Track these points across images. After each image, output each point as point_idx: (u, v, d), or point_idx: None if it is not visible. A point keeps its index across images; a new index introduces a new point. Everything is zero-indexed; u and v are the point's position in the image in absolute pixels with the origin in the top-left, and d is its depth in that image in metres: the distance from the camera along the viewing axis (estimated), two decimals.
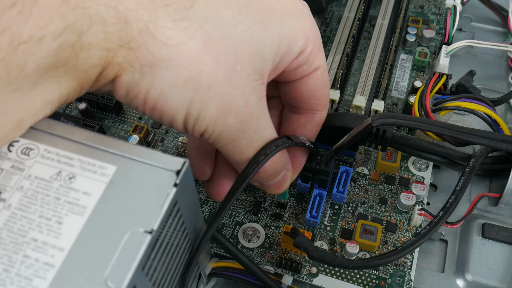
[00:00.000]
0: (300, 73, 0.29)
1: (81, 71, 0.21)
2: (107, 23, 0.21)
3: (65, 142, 0.22)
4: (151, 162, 0.22)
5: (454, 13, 0.46)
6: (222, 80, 0.24)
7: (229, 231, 0.36)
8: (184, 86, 0.23)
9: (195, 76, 0.23)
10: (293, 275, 0.33)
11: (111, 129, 0.42)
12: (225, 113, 0.24)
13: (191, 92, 0.23)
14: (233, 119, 0.25)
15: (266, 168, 0.29)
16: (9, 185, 0.21)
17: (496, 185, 0.39)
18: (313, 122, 0.32)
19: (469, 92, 0.39)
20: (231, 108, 0.25)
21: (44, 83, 0.20)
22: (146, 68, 0.22)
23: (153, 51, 0.22)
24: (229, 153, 0.27)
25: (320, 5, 0.44)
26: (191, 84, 0.23)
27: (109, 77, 0.22)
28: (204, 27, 0.23)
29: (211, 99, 0.24)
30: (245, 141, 0.26)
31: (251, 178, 0.27)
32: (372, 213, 0.37)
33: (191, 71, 0.23)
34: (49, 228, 0.20)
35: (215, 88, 0.24)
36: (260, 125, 0.27)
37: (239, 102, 0.25)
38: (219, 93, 0.24)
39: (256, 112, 0.26)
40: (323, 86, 0.30)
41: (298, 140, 0.30)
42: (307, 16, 0.28)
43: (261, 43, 0.25)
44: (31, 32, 0.19)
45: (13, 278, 0.19)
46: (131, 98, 0.23)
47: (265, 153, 0.27)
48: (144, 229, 0.20)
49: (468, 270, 0.35)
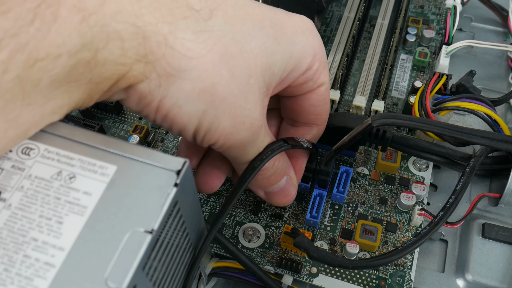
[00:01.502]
0: (304, 89, 0.29)
1: (94, 84, 0.21)
2: (124, 39, 0.21)
3: (66, 142, 0.22)
4: (151, 162, 0.22)
5: (454, 13, 0.46)
6: (236, 93, 0.24)
7: (229, 231, 0.36)
8: (199, 97, 0.23)
9: (211, 88, 0.23)
10: (293, 275, 0.33)
11: (111, 129, 0.42)
12: (238, 126, 0.25)
13: (205, 104, 0.23)
14: (246, 132, 0.26)
15: (266, 168, 0.29)
16: (9, 185, 0.21)
17: (496, 185, 0.39)
18: (310, 135, 0.33)
19: (469, 92, 0.39)
20: (245, 122, 0.25)
21: (56, 98, 0.21)
22: (163, 78, 0.22)
23: (172, 63, 0.22)
24: (236, 159, 0.28)
25: (320, 5, 0.44)
26: (207, 96, 0.23)
27: (121, 87, 0.22)
28: (222, 40, 0.23)
29: (225, 112, 0.24)
30: (253, 150, 0.27)
31: (248, 183, 0.27)
32: (372, 213, 0.37)
33: (207, 83, 0.23)
34: (50, 228, 0.20)
35: (229, 101, 0.24)
36: (265, 133, 0.28)
37: (253, 116, 0.25)
38: (233, 106, 0.24)
39: (264, 123, 0.27)
40: (324, 102, 0.31)
41: (295, 143, 0.30)
42: (316, 34, 0.29)
43: (273, 58, 0.26)
44: (48, 50, 0.19)
45: (14, 278, 0.19)
46: (142, 106, 0.23)
47: (261, 158, 0.28)
48: (145, 229, 0.20)
49: (468, 270, 0.35)
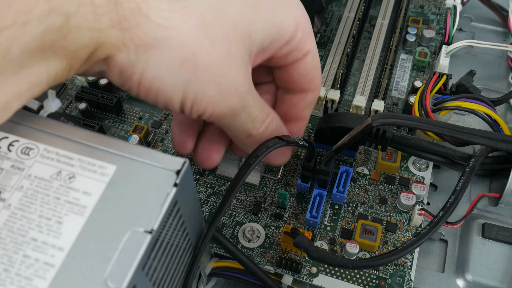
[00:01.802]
0: (291, 59, 0.29)
1: (71, 51, 0.21)
2: (96, 5, 0.20)
3: (65, 141, 0.22)
4: (151, 162, 0.22)
5: (454, 13, 0.46)
6: (218, 61, 0.24)
7: (229, 231, 0.36)
8: (181, 67, 0.23)
9: (192, 57, 0.23)
10: (293, 275, 0.33)
11: (111, 129, 0.42)
12: (224, 93, 0.25)
13: (188, 74, 0.23)
14: (233, 98, 0.26)
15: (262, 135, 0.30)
16: (9, 185, 0.21)
17: (496, 185, 0.39)
18: (306, 101, 0.32)
19: (469, 92, 0.39)
20: (230, 88, 0.25)
21: (31, 66, 0.20)
22: (142, 49, 0.22)
23: (148, 32, 0.22)
24: (230, 128, 0.28)
25: (320, 5, 0.44)
26: (188, 66, 0.23)
27: (101, 56, 0.22)
28: (198, 9, 0.23)
29: (209, 80, 0.24)
30: (244, 116, 0.28)
31: (244, 180, 0.28)
32: (372, 213, 0.37)
33: (188, 52, 0.23)
34: (49, 228, 0.20)
35: (212, 69, 0.24)
36: (254, 98, 0.28)
37: (237, 82, 0.26)
38: (217, 74, 0.24)
39: (250, 88, 0.27)
40: (314, 69, 0.31)
41: (291, 140, 0.30)
42: (298, 4, 0.29)
43: (253, 27, 0.26)
44: (14, 17, 0.18)
45: (13, 278, 0.19)
46: (124, 79, 0.23)
47: (256, 155, 0.28)
48: (144, 229, 0.20)
49: (468, 270, 0.35)
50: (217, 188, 0.38)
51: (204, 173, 0.39)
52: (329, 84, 0.41)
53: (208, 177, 0.39)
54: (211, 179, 0.39)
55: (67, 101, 0.44)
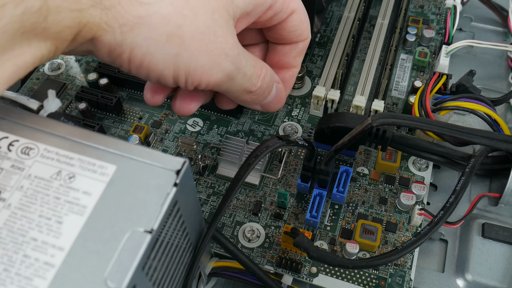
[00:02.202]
0: (276, 20, 0.30)
1: (54, 33, 0.21)
2: None
3: (65, 141, 0.22)
4: (151, 162, 0.22)
5: (454, 13, 0.46)
6: (204, 30, 0.25)
7: (229, 231, 0.36)
8: (168, 41, 0.24)
9: (177, 30, 0.24)
10: (293, 275, 0.33)
11: (111, 129, 0.42)
12: (216, 59, 0.26)
13: (176, 47, 0.24)
14: (226, 63, 0.26)
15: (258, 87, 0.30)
16: (9, 185, 0.21)
17: (496, 185, 0.39)
18: (297, 50, 0.33)
19: (469, 92, 0.39)
20: (220, 54, 0.26)
21: (13, 49, 0.20)
22: (127, 27, 0.22)
23: (130, 11, 0.22)
24: (229, 91, 0.29)
25: (320, 5, 0.44)
26: (175, 39, 0.24)
27: (87, 37, 0.22)
28: None
29: (198, 50, 0.25)
30: (240, 76, 0.28)
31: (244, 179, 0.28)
32: (372, 213, 0.37)
33: (173, 26, 0.24)
34: (49, 227, 0.20)
35: (199, 39, 0.25)
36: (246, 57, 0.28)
37: (226, 47, 0.26)
38: (204, 42, 0.25)
39: (240, 49, 0.28)
40: (301, 23, 0.32)
41: (290, 139, 0.31)
42: None
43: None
44: None
45: (13, 278, 0.19)
46: (114, 58, 0.24)
47: (255, 155, 0.28)
48: (144, 228, 0.20)
49: (468, 270, 0.35)
50: (217, 188, 0.38)
51: (204, 173, 0.39)
52: (329, 84, 0.41)
53: (208, 177, 0.39)
54: (211, 179, 0.39)
55: (67, 101, 0.44)
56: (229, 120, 0.42)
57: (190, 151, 0.40)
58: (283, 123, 0.42)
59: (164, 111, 0.43)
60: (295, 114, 0.43)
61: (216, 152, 0.40)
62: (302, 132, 0.41)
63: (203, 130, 0.42)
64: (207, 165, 0.39)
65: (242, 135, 0.41)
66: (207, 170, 0.39)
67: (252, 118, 0.42)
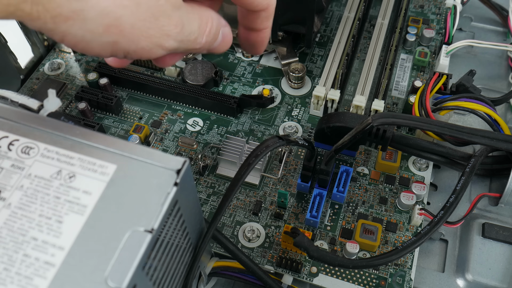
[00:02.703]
0: None
1: None
2: None
3: (65, 141, 0.22)
4: (151, 161, 0.22)
5: (454, 13, 0.46)
6: (145, 18, 0.24)
7: (229, 230, 0.36)
8: (105, 32, 0.23)
9: (115, 21, 0.23)
10: (293, 275, 0.33)
11: (111, 129, 0.42)
12: (157, 42, 0.25)
13: (114, 36, 0.24)
14: (169, 42, 0.26)
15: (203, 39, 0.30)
16: (9, 184, 0.21)
17: (496, 184, 0.39)
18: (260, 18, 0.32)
19: (469, 92, 0.39)
20: (162, 35, 0.26)
21: None
22: (60, 19, 0.22)
23: (63, 5, 0.22)
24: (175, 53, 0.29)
25: (320, 5, 0.44)
26: (113, 29, 0.23)
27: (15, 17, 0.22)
28: None
29: (138, 36, 0.25)
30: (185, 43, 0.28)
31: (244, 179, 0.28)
32: (372, 213, 0.37)
33: (111, 18, 0.23)
34: (49, 227, 0.20)
35: (139, 27, 0.24)
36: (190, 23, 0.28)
37: (168, 29, 0.26)
38: (144, 29, 0.25)
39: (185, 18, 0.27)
40: None
41: (290, 139, 0.30)
42: None
43: None
44: None
45: (13, 277, 0.19)
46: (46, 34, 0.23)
47: (255, 154, 0.28)
48: (145, 228, 0.20)
49: (468, 270, 0.35)
50: (217, 188, 0.38)
51: (204, 173, 0.39)
52: (329, 84, 0.41)
53: (208, 177, 0.39)
54: (211, 179, 0.39)
55: (67, 100, 0.44)
56: (229, 120, 0.42)
57: (190, 151, 0.40)
58: (283, 123, 0.42)
59: (164, 111, 0.43)
60: (295, 114, 0.43)
61: (216, 152, 0.40)
62: (302, 132, 0.41)
63: (203, 130, 0.42)
64: (207, 165, 0.39)
65: (242, 135, 0.41)
66: (207, 170, 0.39)
67: (252, 118, 0.42)
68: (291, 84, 0.44)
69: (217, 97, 0.42)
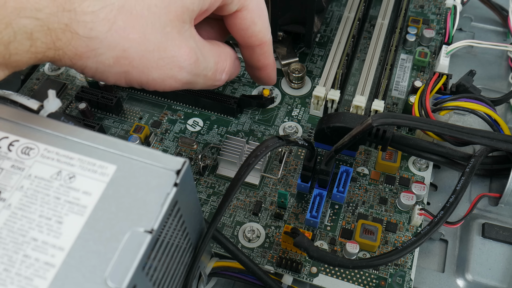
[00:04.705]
0: (225, 11, 0.30)
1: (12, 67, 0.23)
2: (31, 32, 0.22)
3: (65, 141, 0.22)
4: (151, 162, 0.22)
5: (454, 13, 0.46)
6: (153, 49, 0.26)
7: (229, 231, 0.36)
8: (115, 64, 0.25)
9: (123, 53, 0.25)
10: (293, 275, 0.33)
11: (111, 129, 0.42)
12: (169, 73, 0.27)
13: (124, 67, 0.26)
14: (181, 74, 0.27)
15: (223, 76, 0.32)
16: (9, 185, 0.21)
17: (496, 185, 0.39)
18: (256, 54, 0.34)
19: (469, 92, 0.39)
20: (173, 67, 0.27)
21: None
22: (77, 58, 0.24)
23: (78, 47, 0.24)
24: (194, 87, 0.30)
25: (320, 5, 0.44)
26: (122, 61, 0.25)
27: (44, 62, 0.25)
28: (124, 7, 0.25)
29: (148, 67, 0.26)
30: (200, 78, 0.29)
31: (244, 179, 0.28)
32: (372, 213, 0.37)
33: (118, 50, 0.25)
34: (49, 227, 0.20)
35: (148, 57, 0.26)
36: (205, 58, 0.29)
37: (180, 59, 0.27)
38: (154, 60, 0.26)
39: (199, 52, 0.28)
40: (253, 24, 0.32)
41: (290, 139, 0.31)
42: None
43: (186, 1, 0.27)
44: None
45: (13, 278, 0.19)
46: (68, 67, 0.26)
47: (255, 154, 0.28)
48: (144, 228, 0.20)
49: (468, 270, 0.35)
50: (217, 188, 0.38)
51: (204, 173, 0.39)
52: (329, 84, 0.41)
53: (208, 177, 0.39)
54: (211, 179, 0.39)
55: (67, 101, 0.44)
56: (229, 120, 0.42)
57: (190, 151, 0.40)
58: (283, 123, 0.42)
59: (164, 111, 0.43)
60: (295, 114, 0.43)
61: (216, 152, 0.40)
62: (302, 132, 0.41)
63: (203, 130, 0.42)
64: (207, 165, 0.39)
65: (242, 135, 0.41)
66: (207, 170, 0.39)
67: (252, 118, 0.42)
68: (291, 84, 0.44)
69: (217, 97, 0.42)
